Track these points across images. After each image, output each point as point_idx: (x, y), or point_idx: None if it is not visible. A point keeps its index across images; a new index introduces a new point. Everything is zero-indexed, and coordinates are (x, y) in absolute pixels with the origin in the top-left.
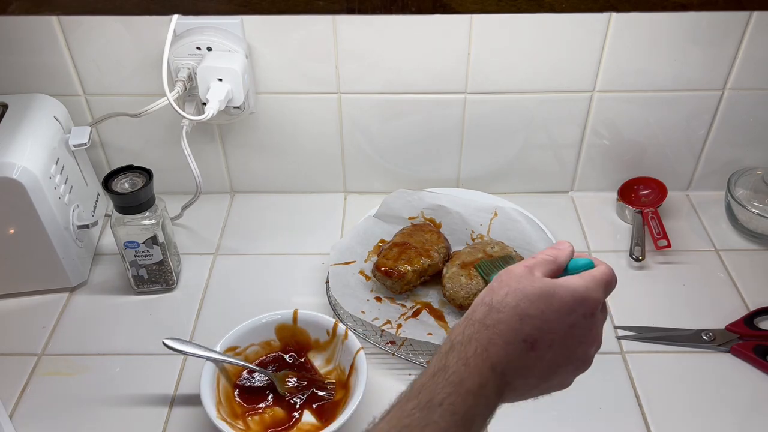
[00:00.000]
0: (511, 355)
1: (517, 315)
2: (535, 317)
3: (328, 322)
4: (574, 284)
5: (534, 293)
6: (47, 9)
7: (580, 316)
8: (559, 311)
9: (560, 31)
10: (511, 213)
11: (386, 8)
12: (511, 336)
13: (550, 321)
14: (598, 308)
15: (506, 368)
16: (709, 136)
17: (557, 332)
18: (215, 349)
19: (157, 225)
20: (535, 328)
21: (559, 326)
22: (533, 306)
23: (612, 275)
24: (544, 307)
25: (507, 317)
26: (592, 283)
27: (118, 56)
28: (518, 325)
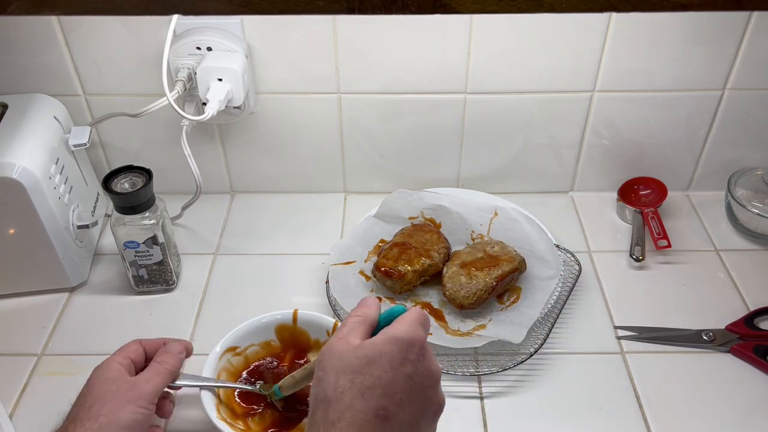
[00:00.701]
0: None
1: (357, 395)
2: (375, 387)
3: (328, 322)
4: (394, 333)
5: (362, 363)
6: (47, 9)
7: (413, 362)
8: (392, 368)
9: (560, 31)
10: (512, 213)
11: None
12: (361, 419)
13: (390, 382)
14: (425, 345)
15: None
16: (709, 136)
17: (401, 389)
18: (216, 349)
19: (157, 225)
20: (381, 397)
21: (400, 382)
22: (367, 376)
23: (423, 314)
24: (378, 372)
25: (349, 403)
26: (408, 324)
27: (118, 56)
28: (363, 404)
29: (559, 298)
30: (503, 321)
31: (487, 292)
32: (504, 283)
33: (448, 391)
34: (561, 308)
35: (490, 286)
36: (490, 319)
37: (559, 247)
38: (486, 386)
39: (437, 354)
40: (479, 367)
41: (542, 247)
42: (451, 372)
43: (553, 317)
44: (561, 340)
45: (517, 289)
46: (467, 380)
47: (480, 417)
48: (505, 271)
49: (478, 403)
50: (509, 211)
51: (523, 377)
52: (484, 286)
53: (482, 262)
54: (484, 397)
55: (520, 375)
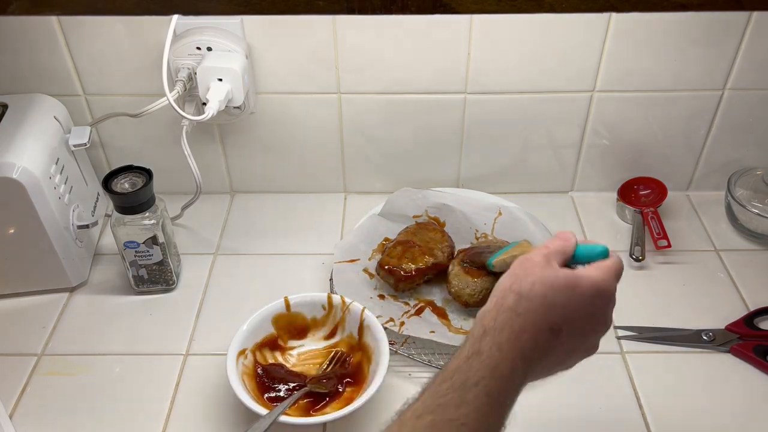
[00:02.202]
0: (539, 342)
1: (545, 305)
2: (561, 307)
3: (321, 297)
4: (594, 276)
5: (560, 284)
6: (47, 9)
7: (599, 306)
8: (581, 302)
9: (560, 31)
10: (516, 212)
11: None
12: (540, 324)
13: (574, 311)
14: (612, 298)
15: (533, 354)
16: (709, 136)
17: (579, 321)
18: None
19: (157, 225)
20: (561, 318)
21: (581, 316)
22: (559, 296)
23: (622, 265)
24: (569, 298)
25: (536, 306)
26: (608, 275)
27: (118, 56)
28: (546, 315)
29: None
30: None
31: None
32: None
33: None
34: None
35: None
36: None
37: None
38: None
39: (440, 353)
40: None
41: None
42: None
43: None
44: None
45: None
46: None
47: None
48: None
49: None
50: (513, 211)
51: None
52: (489, 284)
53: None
54: None
55: None
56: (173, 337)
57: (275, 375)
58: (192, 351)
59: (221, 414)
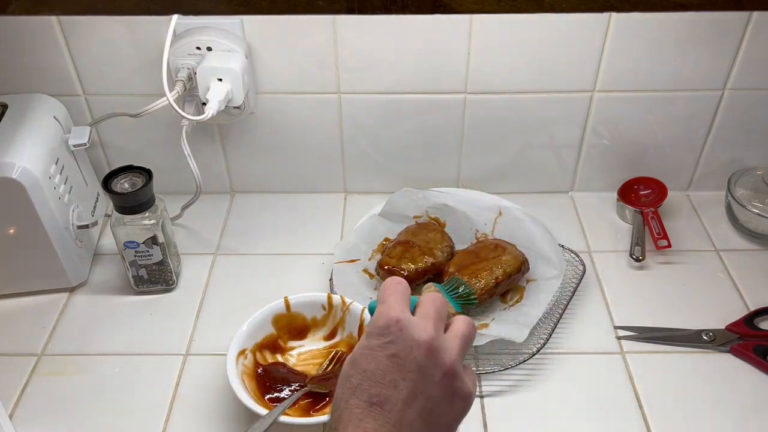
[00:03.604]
0: (368, 427)
1: (350, 395)
2: (363, 380)
3: (321, 297)
4: (367, 327)
5: (348, 368)
6: (47, 9)
7: (392, 341)
8: (374, 356)
9: (560, 31)
10: (516, 213)
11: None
12: (357, 413)
13: (375, 369)
14: (401, 320)
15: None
16: (709, 136)
17: (389, 370)
18: (230, 357)
19: (156, 225)
20: (371, 387)
21: (385, 365)
22: (355, 376)
23: (389, 287)
24: (363, 367)
25: (345, 405)
26: (378, 313)
27: (118, 56)
28: (357, 401)
29: (563, 298)
30: (506, 320)
31: (487, 292)
32: (507, 283)
33: None
34: (564, 308)
35: (493, 285)
36: (493, 318)
37: (563, 247)
38: (486, 385)
39: None
40: (480, 366)
41: (546, 247)
42: None
43: (555, 317)
44: (561, 340)
45: (521, 289)
46: None
47: (480, 416)
48: (508, 270)
49: (478, 402)
50: (514, 211)
51: (523, 377)
52: (485, 285)
53: (485, 262)
54: (484, 396)
55: (520, 375)
56: (173, 337)
57: (275, 375)
58: (192, 351)
59: (221, 414)
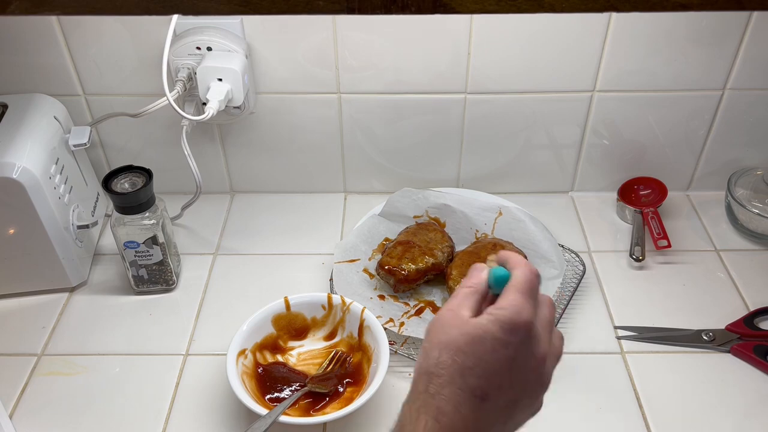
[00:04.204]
0: (466, 415)
1: (457, 373)
2: (476, 367)
3: (321, 297)
4: (498, 315)
5: (466, 342)
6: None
7: (517, 344)
8: (494, 350)
9: (560, 31)
10: (516, 213)
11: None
12: (459, 397)
13: (491, 363)
14: (532, 326)
15: (467, 429)
16: (709, 136)
17: (502, 372)
18: (230, 357)
19: (156, 225)
20: (480, 378)
21: (501, 365)
22: (469, 356)
23: (529, 275)
24: (480, 353)
25: (448, 379)
26: (517, 301)
27: (118, 56)
28: (462, 383)
29: (563, 298)
30: None
31: None
32: None
33: None
34: (564, 308)
35: None
36: None
37: (563, 247)
38: None
39: None
40: None
41: (546, 246)
42: None
43: (556, 317)
44: None
45: None
46: None
47: None
48: None
49: None
50: (514, 211)
51: None
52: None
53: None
54: None
55: None
56: (173, 337)
57: (275, 375)
58: (192, 351)
59: (221, 414)
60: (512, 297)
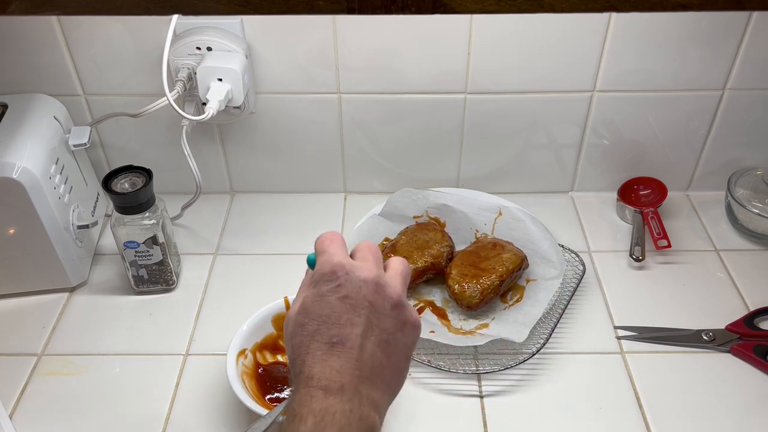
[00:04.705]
0: (333, 365)
1: (309, 341)
2: (320, 326)
3: None
4: (314, 274)
5: (299, 319)
6: (47, 9)
7: (340, 284)
8: (324, 302)
9: (560, 31)
10: (516, 213)
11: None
12: (319, 354)
13: (329, 313)
14: (342, 266)
15: (342, 379)
16: (709, 136)
17: (342, 311)
18: (230, 357)
19: (156, 225)
20: (328, 329)
21: (338, 306)
22: (309, 323)
23: (325, 239)
24: (315, 314)
25: (306, 350)
26: (319, 264)
27: (118, 56)
28: (317, 344)
29: (563, 298)
30: (506, 320)
31: (493, 291)
32: (508, 282)
33: (449, 389)
34: (564, 308)
35: (495, 284)
36: (493, 318)
37: (563, 247)
38: (486, 385)
39: (439, 353)
40: (480, 366)
41: (546, 246)
42: (452, 370)
43: (555, 317)
44: (561, 340)
45: (521, 289)
46: (468, 378)
47: (480, 416)
48: (509, 268)
49: (478, 402)
50: (514, 211)
51: (523, 377)
52: (489, 285)
53: (486, 261)
54: (483, 395)
55: (519, 374)
56: (173, 337)
57: (275, 375)
58: (192, 351)
59: (221, 414)
60: (320, 259)
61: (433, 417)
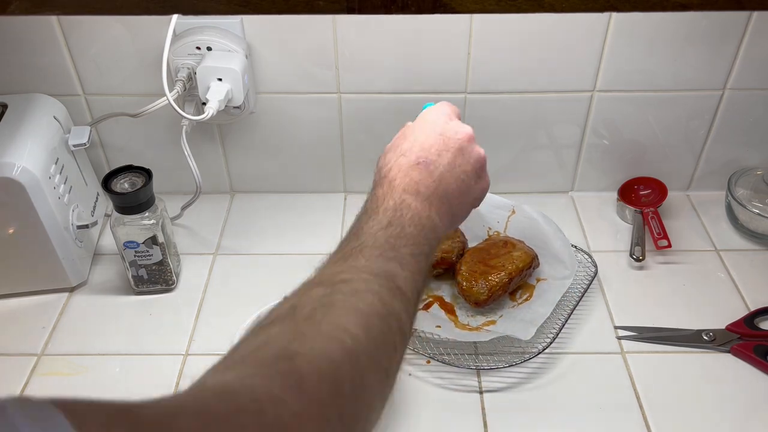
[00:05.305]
0: (415, 177)
1: (400, 155)
2: (413, 146)
3: None
4: (423, 114)
5: (398, 138)
6: (47, 9)
7: (442, 123)
8: (423, 131)
9: (560, 30)
10: (529, 211)
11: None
12: (404, 166)
13: (425, 140)
14: (450, 114)
15: (419, 187)
16: (710, 136)
17: (436, 143)
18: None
19: (156, 225)
20: (419, 151)
21: (433, 138)
22: (405, 143)
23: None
24: (413, 137)
25: (395, 161)
26: (433, 108)
27: (118, 56)
28: (405, 160)
29: (572, 298)
30: (513, 318)
31: (501, 288)
32: (517, 280)
33: (449, 384)
34: (573, 308)
35: (503, 282)
36: (501, 315)
37: (575, 247)
38: (487, 382)
39: (444, 348)
40: (482, 363)
41: (558, 246)
42: (456, 365)
43: (563, 316)
44: (561, 339)
45: (530, 287)
46: (469, 374)
47: (479, 413)
48: (518, 266)
49: (478, 398)
50: (527, 210)
51: (524, 376)
52: (498, 282)
53: (496, 259)
54: (483, 392)
55: (520, 373)
56: (173, 337)
57: None
58: (192, 351)
59: None
60: (430, 108)
61: (433, 411)
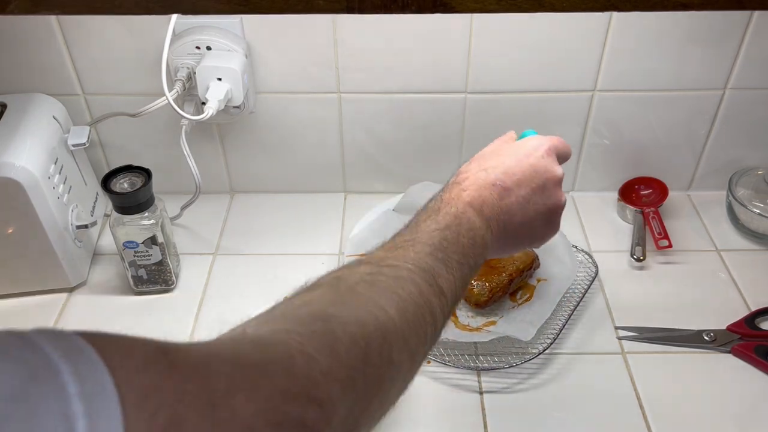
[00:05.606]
0: (485, 196)
1: (481, 169)
2: (498, 166)
3: None
4: (524, 140)
5: (489, 151)
6: (46, 8)
7: (538, 156)
8: (516, 157)
9: (561, 30)
10: None
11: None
12: (480, 182)
13: (512, 165)
14: (551, 150)
15: (483, 206)
16: (710, 136)
17: (521, 172)
18: None
19: (156, 225)
20: (501, 173)
21: (522, 167)
22: (492, 160)
23: (556, 138)
24: (502, 158)
25: (473, 172)
26: (537, 138)
27: (118, 56)
28: (485, 175)
29: (573, 299)
30: (514, 318)
31: (502, 289)
32: (517, 281)
33: (449, 384)
34: (575, 308)
35: (504, 283)
36: (501, 316)
37: (576, 248)
38: (487, 383)
39: (444, 349)
40: (483, 363)
41: (559, 247)
42: (455, 365)
43: (563, 317)
44: (561, 339)
45: (531, 288)
46: (469, 375)
47: (479, 413)
48: (519, 267)
49: (478, 399)
50: None
51: (524, 376)
52: (498, 283)
53: (496, 260)
54: (483, 392)
55: (520, 374)
56: (173, 337)
57: None
58: None
59: None
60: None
61: (433, 411)
